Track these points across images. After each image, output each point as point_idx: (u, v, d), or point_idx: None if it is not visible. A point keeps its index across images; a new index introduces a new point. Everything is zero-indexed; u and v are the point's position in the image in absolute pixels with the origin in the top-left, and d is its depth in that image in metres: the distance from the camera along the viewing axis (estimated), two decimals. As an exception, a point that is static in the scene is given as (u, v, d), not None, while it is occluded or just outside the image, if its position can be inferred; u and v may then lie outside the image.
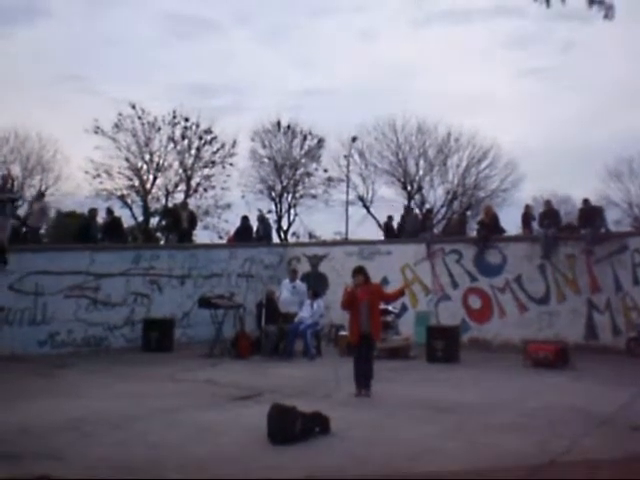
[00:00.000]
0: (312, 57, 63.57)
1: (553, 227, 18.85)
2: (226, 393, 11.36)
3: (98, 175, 38.48)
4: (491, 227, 20.10)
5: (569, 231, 19.22)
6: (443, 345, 15.80)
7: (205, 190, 40.59)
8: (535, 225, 19.86)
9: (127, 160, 39.08)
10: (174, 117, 39.46)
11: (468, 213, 36.37)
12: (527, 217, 20.34)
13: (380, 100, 56.76)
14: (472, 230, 23.87)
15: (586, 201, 19.57)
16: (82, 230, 20.12)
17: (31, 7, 56.10)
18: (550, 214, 19.57)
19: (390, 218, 24.24)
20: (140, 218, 39.11)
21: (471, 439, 8.12)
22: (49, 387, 12.07)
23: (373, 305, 11.52)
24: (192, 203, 36.88)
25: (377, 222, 37.85)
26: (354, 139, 40.59)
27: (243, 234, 23.12)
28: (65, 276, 17.34)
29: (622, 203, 43.96)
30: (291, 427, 7.89)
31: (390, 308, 17.55)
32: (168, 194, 40.05)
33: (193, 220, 23.42)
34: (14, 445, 7.67)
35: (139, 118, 38.84)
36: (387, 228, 24.06)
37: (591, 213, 18.90)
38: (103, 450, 7.58)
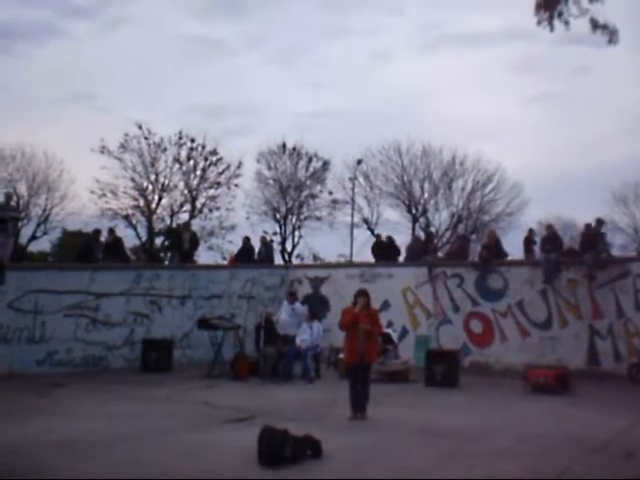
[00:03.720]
0: (322, 79, 64.11)
1: (555, 252, 18.77)
2: (221, 415, 11.31)
3: (104, 195, 38.66)
4: (493, 251, 20.05)
5: (571, 256, 19.13)
6: (442, 369, 15.69)
7: (210, 211, 40.72)
8: (537, 249, 19.80)
9: (133, 180, 39.26)
10: (180, 138, 39.68)
11: (473, 237, 36.35)
12: (529, 241, 20.29)
13: (389, 123, 57.10)
14: (475, 254, 23.78)
15: (588, 226, 19.50)
16: (84, 250, 20.13)
17: (45, 26, 56.59)
18: (552, 239, 19.48)
19: (379, 237, 24.12)
20: (144, 238, 39.15)
21: (464, 465, 8.04)
22: (46, 406, 12.05)
23: (371, 328, 11.48)
24: (197, 224, 37.13)
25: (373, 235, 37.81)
26: (359, 162, 40.66)
27: (245, 255, 23.12)
28: (65, 295, 17.35)
29: (628, 228, 43.91)
30: (281, 450, 7.84)
31: (391, 332, 17.53)
32: (173, 214, 40.18)
33: (195, 241, 23.43)
34: (3, 464, 7.63)
35: (145, 138, 39.05)
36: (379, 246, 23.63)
37: (593, 238, 18.81)
38: (93, 470, 7.54)
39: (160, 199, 40.02)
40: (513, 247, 21.70)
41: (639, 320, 17.26)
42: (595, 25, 16.87)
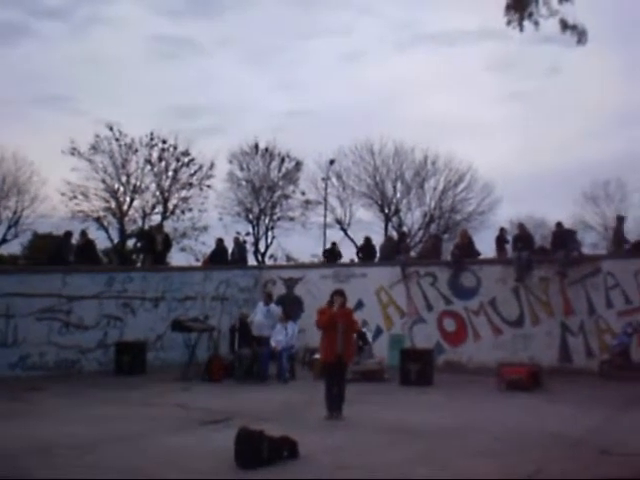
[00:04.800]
0: (295, 79, 63.85)
1: (526, 250, 18.94)
2: (197, 417, 11.26)
3: (75, 197, 38.33)
4: (466, 250, 20.19)
5: (542, 254, 19.32)
6: (417, 368, 15.78)
7: (182, 212, 40.52)
8: (509, 248, 19.97)
9: (104, 182, 38.98)
10: (151, 139, 39.46)
11: (445, 236, 36.54)
12: (501, 240, 20.46)
13: (363, 122, 57.09)
14: (448, 253, 23.92)
15: (559, 224, 19.70)
16: (55, 252, 19.98)
17: (17, 27, 55.91)
18: (523, 237, 19.68)
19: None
20: (116, 240, 38.91)
21: (440, 464, 8.08)
22: (20, 410, 11.93)
23: (348, 328, 11.53)
24: (169, 225, 36.91)
25: (355, 244, 37.87)
26: (332, 162, 40.69)
27: (218, 256, 23.07)
28: (37, 298, 17.19)
29: (598, 227, 44.36)
30: (258, 451, 7.83)
31: (366, 332, 17.58)
32: (145, 216, 39.93)
33: (168, 242, 23.32)
34: (-23, 470, 7.56)
35: (116, 140, 38.79)
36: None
37: (564, 236, 19.01)
38: (72, 474, 7.47)
39: (132, 201, 39.81)
40: (485, 246, 21.92)
41: (610, 317, 17.49)
42: (565, 26, 17.03)
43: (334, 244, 25.39)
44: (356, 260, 24.15)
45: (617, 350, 16.43)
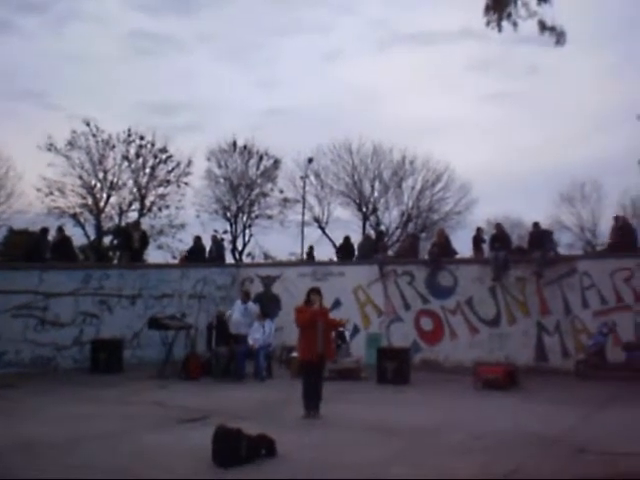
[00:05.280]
0: (274, 77, 63.75)
1: (503, 250, 19.05)
2: (174, 415, 11.24)
3: (51, 193, 37.96)
4: (443, 249, 20.27)
5: (519, 254, 19.43)
6: (394, 367, 15.83)
7: (159, 209, 40.24)
8: (486, 248, 20.07)
9: (80, 178, 38.59)
10: (129, 135, 39.13)
11: (422, 235, 36.65)
12: (478, 240, 20.57)
13: (342, 121, 57.10)
14: (425, 252, 23.99)
15: (536, 224, 19.83)
16: (31, 249, 19.82)
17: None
18: (500, 237, 19.78)
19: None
20: (93, 237, 38.63)
21: (418, 462, 8.11)
22: (-4, 407, 11.87)
23: (328, 326, 11.55)
24: (146, 222, 36.65)
25: (333, 243, 37.89)
26: (310, 160, 40.62)
27: (196, 254, 23.01)
28: (13, 295, 17.08)
29: (574, 227, 44.76)
30: (236, 449, 7.83)
31: (343, 330, 17.57)
32: (122, 213, 39.63)
33: (145, 240, 23.22)
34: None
35: (93, 136, 38.45)
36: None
37: (541, 236, 19.14)
38: (51, 473, 7.44)
39: (108, 197, 39.46)
40: (462, 245, 22.02)
41: (586, 317, 17.64)
42: (543, 27, 17.15)
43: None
44: (335, 259, 24.16)
45: (593, 350, 16.55)
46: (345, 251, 23.19)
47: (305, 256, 25.49)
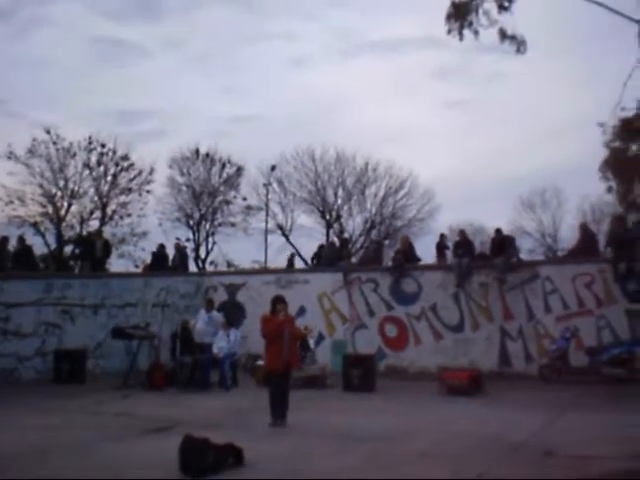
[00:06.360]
0: (238, 84, 63.68)
1: (467, 256, 19.19)
2: (140, 425, 11.16)
3: (11, 202, 37.47)
4: (407, 256, 20.37)
5: (482, 260, 19.59)
6: (359, 374, 15.85)
7: (121, 218, 39.89)
8: (449, 254, 20.21)
9: (41, 186, 38.12)
10: (90, 143, 38.75)
11: (385, 242, 36.81)
12: (441, 246, 20.71)
13: (304, 129, 57.18)
14: (389, 259, 24.10)
15: (498, 231, 20.02)
16: (-9, 258, 19.53)
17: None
18: (464, 243, 19.93)
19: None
20: (53, 246, 38.18)
21: (386, 468, 8.14)
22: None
23: (293, 335, 11.55)
24: (108, 231, 36.28)
25: (296, 250, 37.87)
26: (273, 168, 40.68)
27: (159, 263, 22.85)
28: (-27, 306, 16.82)
29: (535, 233, 45.28)
30: (203, 459, 7.78)
31: (308, 338, 17.54)
32: (83, 222, 39.22)
33: (107, 249, 22.99)
34: None
35: (54, 143, 38.01)
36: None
37: (503, 242, 19.31)
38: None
39: (69, 206, 39.03)
40: (425, 252, 22.13)
41: (548, 322, 17.83)
42: (504, 35, 17.38)
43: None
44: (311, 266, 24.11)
45: (556, 354, 16.71)
46: (320, 259, 23.10)
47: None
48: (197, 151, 41.45)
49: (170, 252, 23.53)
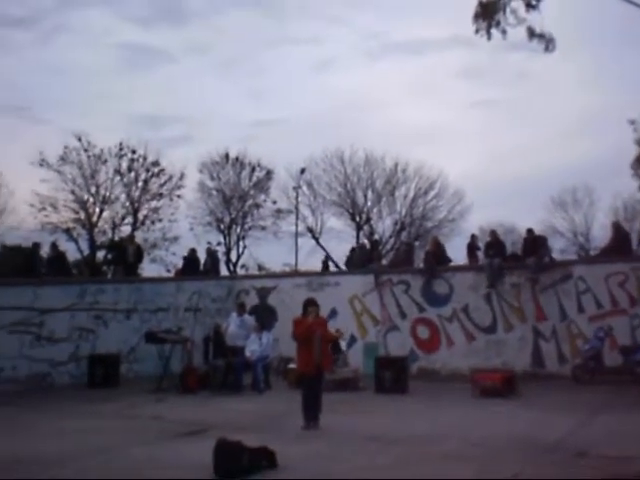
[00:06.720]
0: (265, 88, 63.81)
1: (498, 257, 19.08)
2: (173, 429, 11.21)
3: (43, 208, 37.89)
4: (437, 257, 20.30)
5: (514, 260, 19.47)
6: (391, 376, 15.83)
7: (152, 223, 40.19)
8: (481, 255, 20.11)
9: (73, 193, 38.54)
10: (121, 149, 39.10)
11: (416, 243, 36.68)
12: (472, 247, 20.60)
13: (333, 131, 57.12)
14: (420, 260, 24.06)
15: (530, 231, 19.88)
16: (24, 265, 19.80)
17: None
18: (495, 244, 19.81)
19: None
20: (86, 252, 38.55)
21: (418, 470, 8.09)
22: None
23: (324, 337, 11.56)
24: (139, 236, 36.54)
25: (327, 254, 37.85)
26: (302, 171, 40.68)
27: (190, 267, 22.97)
28: (8, 311, 17.04)
29: (567, 232, 44.83)
30: (237, 461, 7.81)
31: (340, 341, 17.56)
32: (115, 227, 39.57)
33: (139, 253, 23.19)
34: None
35: (85, 150, 38.42)
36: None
37: (535, 242, 19.18)
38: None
39: (101, 212, 39.38)
40: (457, 253, 22.05)
41: (581, 322, 17.68)
42: (532, 34, 17.24)
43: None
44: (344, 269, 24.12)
45: (589, 354, 16.58)
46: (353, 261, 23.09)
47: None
48: (227, 155, 41.59)
49: (201, 256, 23.66)
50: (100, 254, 38.61)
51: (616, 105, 51.46)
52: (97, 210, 39.25)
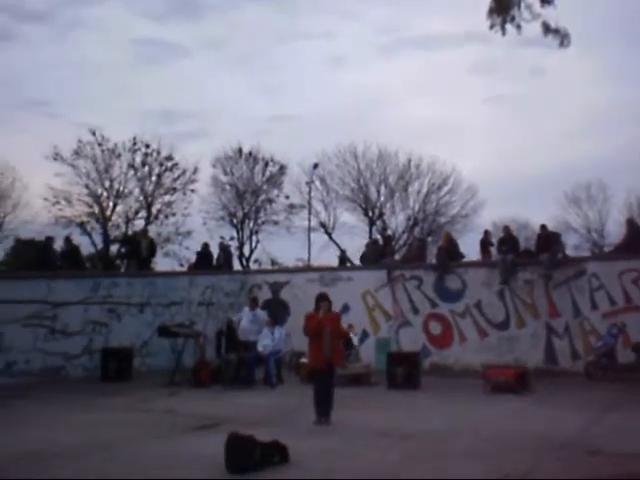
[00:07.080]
0: (278, 83, 63.77)
1: (511, 253, 19.03)
2: (185, 423, 11.26)
3: (57, 202, 38.06)
4: (450, 253, 20.26)
5: (527, 257, 19.41)
6: (403, 371, 15.81)
7: (166, 217, 40.30)
8: (494, 251, 20.05)
9: (87, 187, 38.70)
10: (134, 144, 39.21)
11: (429, 239, 36.62)
12: (485, 243, 20.54)
13: (346, 126, 57.01)
14: (432, 256, 24.03)
15: (543, 227, 19.81)
16: (37, 258, 19.90)
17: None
18: (508, 240, 19.74)
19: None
20: (100, 246, 38.72)
21: (430, 466, 8.11)
22: (6, 417, 11.98)
23: (336, 332, 11.56)
24: (153, 230, 36.66)
25: (339, 248, 37.86)
26: (315, 166, 40.66)
27: (203, 261, 23.02)
28: (22, 305, 17.16)
29: (581, 229, 44.62)
30: (249, 456, 7.83)
31: (351, 335, 17.56)
32: (128, 221, 39.73)
33: (153, 248, 23.26)
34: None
35: (99, 145, 38.56)
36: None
37: (548, 239, 19.12)
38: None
39: (115, 206, 39.56)
40: (470, 249, 22.00)
41: (595, 318, 17.60)
42: (547, 29, 17.15)
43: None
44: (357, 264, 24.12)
45: (602, 351, 16.53)
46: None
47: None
48: (240, 150, 41.64)
49: (214, 251, 23.69)
50: (114, 248, 38.72)
51: (631, 101, 51.17)
52: (111, 204, 39.47)
